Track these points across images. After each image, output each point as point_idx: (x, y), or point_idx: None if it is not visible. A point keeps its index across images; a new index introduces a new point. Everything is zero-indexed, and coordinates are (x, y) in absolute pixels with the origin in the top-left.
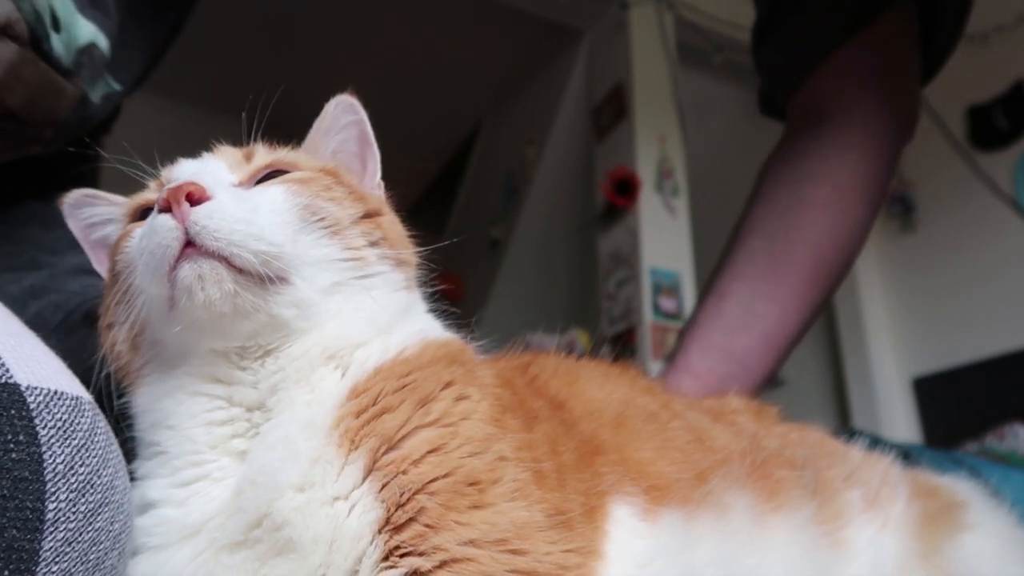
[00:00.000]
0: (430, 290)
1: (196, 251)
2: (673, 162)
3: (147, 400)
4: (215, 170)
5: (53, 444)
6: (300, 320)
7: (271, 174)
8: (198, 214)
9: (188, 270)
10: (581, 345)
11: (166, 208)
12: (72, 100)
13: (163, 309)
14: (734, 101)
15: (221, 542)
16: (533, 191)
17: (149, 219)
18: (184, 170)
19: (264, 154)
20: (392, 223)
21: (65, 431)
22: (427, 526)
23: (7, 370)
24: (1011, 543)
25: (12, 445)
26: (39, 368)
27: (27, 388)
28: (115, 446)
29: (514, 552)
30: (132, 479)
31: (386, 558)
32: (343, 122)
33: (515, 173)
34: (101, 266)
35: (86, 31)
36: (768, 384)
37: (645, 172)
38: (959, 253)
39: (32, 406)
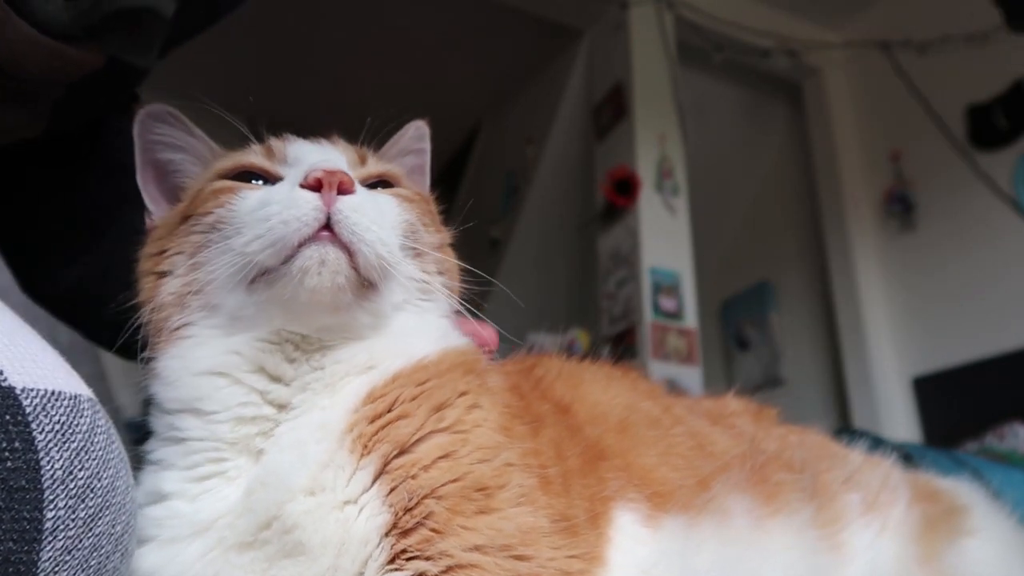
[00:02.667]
0: None
1: (329, 237)
2: (673, 162)
3: (179, 368)
4: (343, 164)
5: (51, 449)
6: (368, 329)
7: (376, 183)
8: (345, 204)
9: (314, 251)
10: (581, 345)
11: (313, 187)
12: (82, 64)
13: (249, 278)
14: (734, 101)
15: (230, 541)
16: (533, 191)
17: (286, 189)
18: (308, 152)
19: (375, 161)
20: (451, 255)
21: (63, 434)
22: (434, 531)
23: (1, 372)
24: (1013, 548)
25: (7, 453)
26: (35, 367)
27: (23, 391)
28: (116, 443)
29: (518, 558)
30: (146, 460)
31: (392, 561)
32: (414, 147)
33: (515, 173)
34: (147, 184)
35: None
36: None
37: (645, 172)
38: (959, 253)
39: (28, 410)
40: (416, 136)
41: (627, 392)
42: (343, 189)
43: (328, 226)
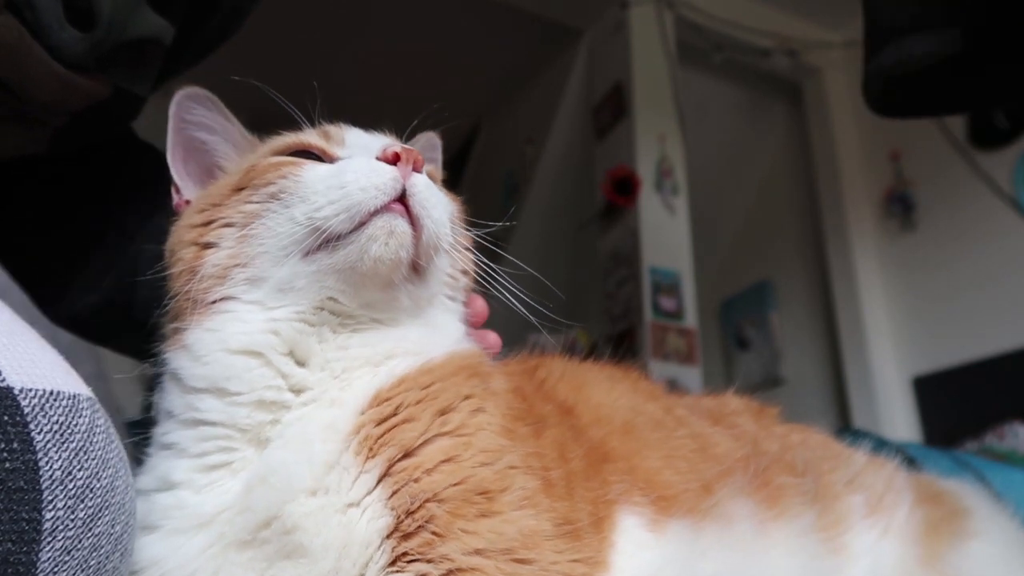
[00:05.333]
0: None
1: (400, 210)
2: (673, 161)
3: (213, 342)
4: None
5: (49, 449)
6: (404, 314)
7: None
8: (418, 179)
9: (386, 221)
10: (581, 345)
11: (391, 160)
12: (90, 94)
13: (308, 248)
14: (734, 101)
15: (230, 538)
16: (533, 190)
17: (362, 160)
18: (366, 138)
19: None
20: (471, 259)
21: (62, 434)
22: (435, 534)
23: None
24: (1015, 549)
25: (6, 454)
26: (33, 367)
27: (21, 391)
28: (115, 443)
29: (520, 561)
30: (158, 443)
31: (393, 564)
32: (426, 156)
33: (515, 172)
34: (176, 161)
35: (146, 26)
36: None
37: (645, 171)
38: (959, 253)
39: (27, 410)
40: (429, 146)
41: (630, 394)
42: (416, 167)
43: (400, 200)
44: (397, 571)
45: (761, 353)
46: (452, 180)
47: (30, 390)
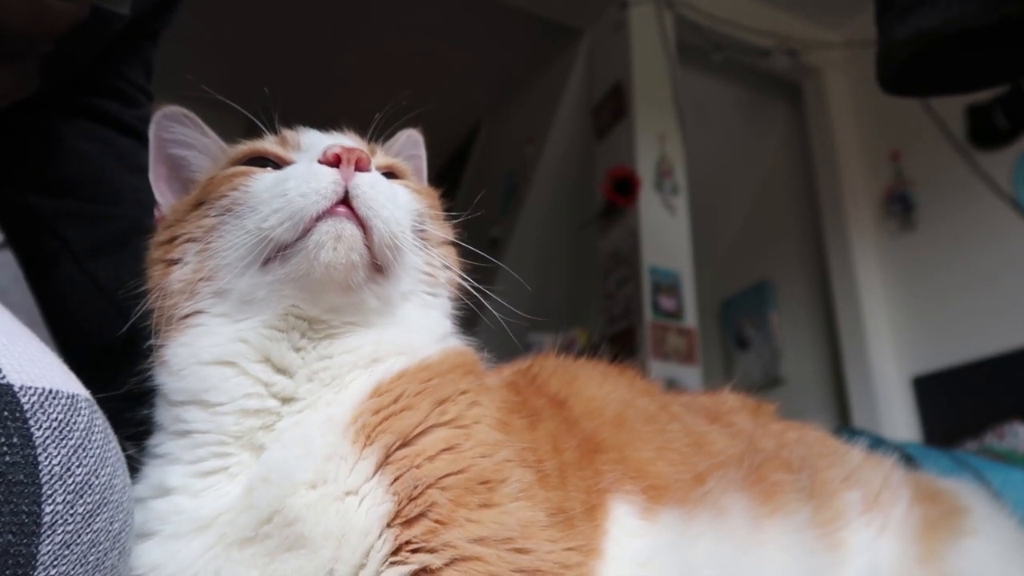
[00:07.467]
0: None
1: (345, 212)
2: (673, 161)
3: (187, 356)
4: (359, 144)
5: (49, 445)
6: (376, 315)
7: (385, 174)
8: (362, 179)
9: (331, 226)
10: (580, 344)
11: (332, 162)
12: (69, 17)
13: (263, 257)
14: (734, 101)
15: (231, 537)
16: (533, 190)
17: (303, 165)
18: (322, 140)
19: (382, 154)
20: (455, 253)
21: (61, 431)
22: (437, 521)
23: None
24: (1013, 548)
25: (6, 448)
26: (33, 367)
27: (20, 388)
28: (113, 443)
29: (519, 551)
30: (152, 454)
31: (395, 553)
32: (407, 153)
33: (515, 172)
34: (159, 180)
35: None
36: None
37: (645, 171)
38: (959, 253)
39: (26, 407)
40: (410, 143)
41: (623, 388)
42: (360, 166)
43: (345, 202)
44: (400, 561)
45: (761, 353)
46: (452, 180)
47: (29, 388)
